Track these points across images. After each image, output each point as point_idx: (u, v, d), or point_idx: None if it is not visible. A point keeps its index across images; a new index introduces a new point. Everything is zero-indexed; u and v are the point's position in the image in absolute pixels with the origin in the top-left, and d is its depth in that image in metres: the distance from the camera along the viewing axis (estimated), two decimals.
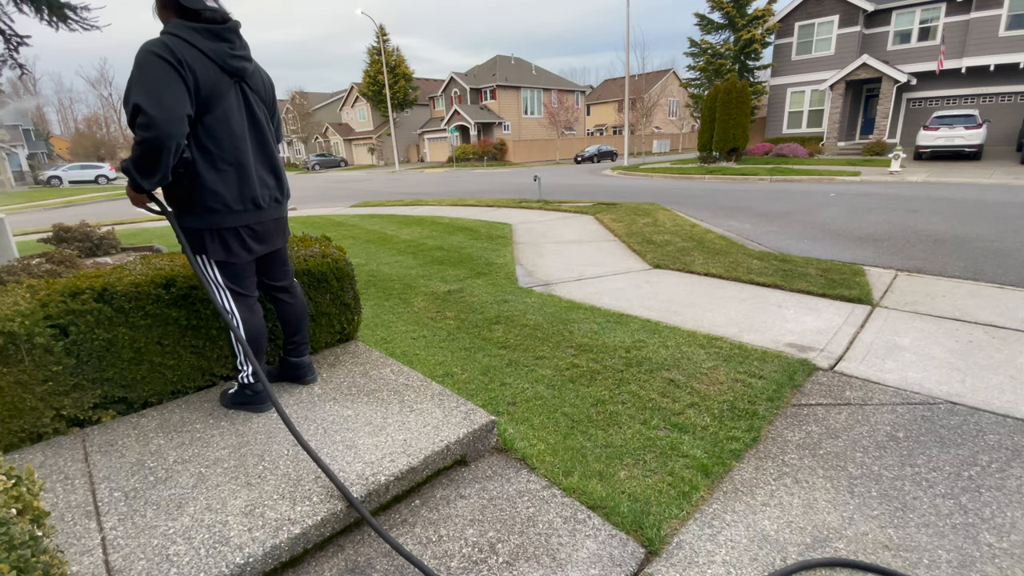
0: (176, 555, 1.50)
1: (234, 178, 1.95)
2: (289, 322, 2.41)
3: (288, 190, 2.24)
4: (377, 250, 6.64)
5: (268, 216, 2.11)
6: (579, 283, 4.89)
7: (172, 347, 2.34)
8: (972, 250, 5.64)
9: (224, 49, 1.89)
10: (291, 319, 2.41)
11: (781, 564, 1.61)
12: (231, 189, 1.95)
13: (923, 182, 12.78)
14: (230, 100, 1.93)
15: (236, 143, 1.95)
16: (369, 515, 1.68)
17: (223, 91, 1.89)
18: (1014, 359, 2.96)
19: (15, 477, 1.07)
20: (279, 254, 2.32)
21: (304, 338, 2.47)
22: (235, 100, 1.95)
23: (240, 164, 1.96)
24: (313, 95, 57.16)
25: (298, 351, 2.48)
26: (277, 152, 2.15)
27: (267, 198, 2.08)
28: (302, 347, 2.48)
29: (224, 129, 1.91)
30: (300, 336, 2.45)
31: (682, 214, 8.74)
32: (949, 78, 19.85)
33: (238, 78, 1.95)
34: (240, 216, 2.00)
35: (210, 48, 1.84)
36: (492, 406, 2.57)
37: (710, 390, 2.70)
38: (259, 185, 2.04)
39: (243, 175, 1.97)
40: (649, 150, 42.45)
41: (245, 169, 1.97)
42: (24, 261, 2.75)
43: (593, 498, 1.90)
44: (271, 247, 2.20)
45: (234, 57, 1.92)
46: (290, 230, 2.38)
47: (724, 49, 25.65)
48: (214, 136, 1.89)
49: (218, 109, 1.89)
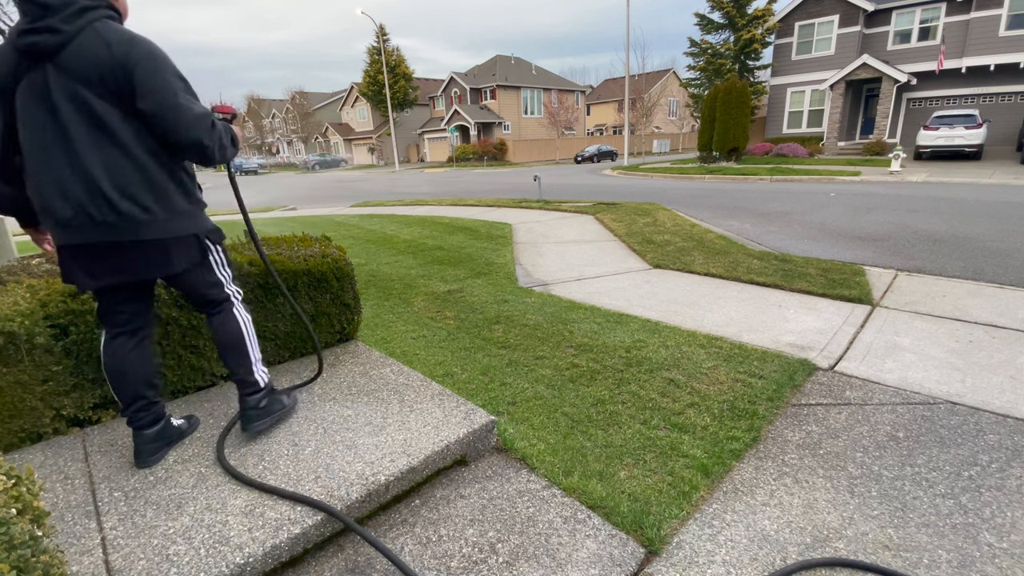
0: (176, 555, 1.50)
1: (33, 185, 1.58)
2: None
3: (143, 205, 1.61)
4: (377, 250, 6.64)
5: (85, 238, 1.59)
6: (579, 283, 4.89)
7: (172, 347, 2.34)
8: (972, 250, 5.64)
9: (20, 24, 1.48)
10: (217, 349, 2.06)
11: (781, 564, 1.61)
12: (34, 199, 1.60)
13: (923, 182, 12.78)
14: (24, 89, 1.52)
15: (28, 142, 1.55)
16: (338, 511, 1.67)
17: (20, 77, 1.51)
18: (1014, 359, 2.96)
19: (15, 477, 1.07)
20: (182, 285, 1.86)
21: (237, 375, 2.00)
22: (30, 88, 1.52)
23: (32, 168, 1.57)
24: (313, 95, 57.22)
25: (240, 388, 2.03)
26: (119, 151, 1.57)
27: (69, 214, 1.56)
28: (240, 385, 2.02)
29: (23, 125, 1.54)
30: (231, 372, 2.01)
31: (682, 214, 8.73)
32: (949, 78, 19.85)
33: (32, 59, 1.49)
34: (55, 235, 1.64)
35: (13, 27, 1.50)
36: (492, 406, 2.57)
37: (710, 390, 2.70)
38: (56, 196, 1.55)
39: (32, 183, 1.58)
40: (649, 150, 42.45)
41: (32, 175, 1.57)
42: (24, 261, 2.75)
43: (593, 498, 1.90)
44: (120, 278, 1.72)
45: (24, 32, 1.47)
46: (187, 257, 1.78)
47: (724, 49, 25.66)
48: (22, 135, 1.56)
49: (18, 101, 1.53)
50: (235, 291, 2.02)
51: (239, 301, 2.02)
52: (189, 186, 1.77)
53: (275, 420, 2.12)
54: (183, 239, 1.75)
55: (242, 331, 1.97)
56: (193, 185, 1.81)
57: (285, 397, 2.23)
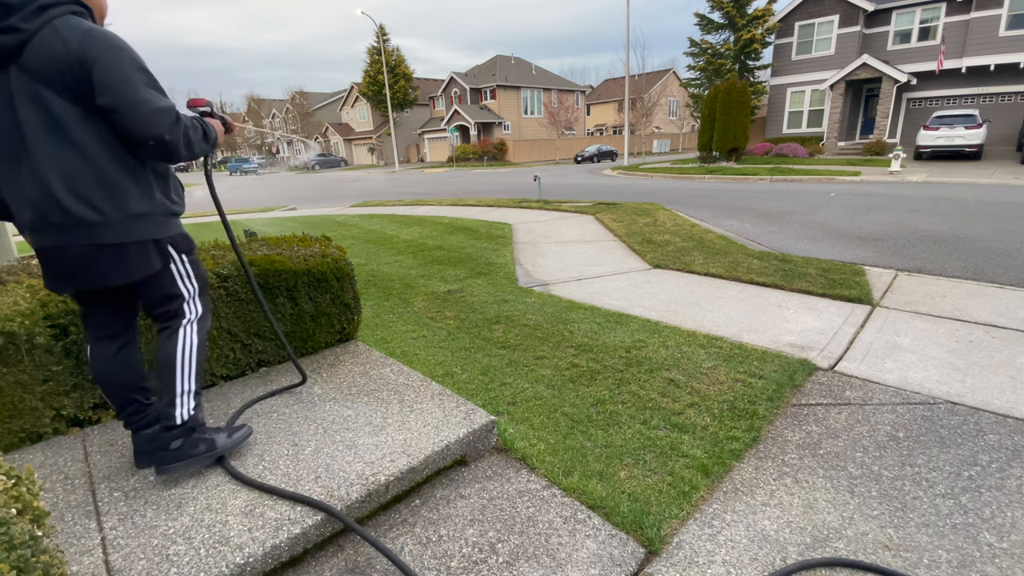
0: (176, 555, 1.50)
1: (4, 190, 1.56)
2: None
3: (96, 207, 1.53)
4: (377, 250, 6.64)
5: (47, 241, 1.55)
6: (579, 283, 4.89)
7: None
8: (972, 250, 5.64)
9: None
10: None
11: (781, 564, 1.61)
12: (8, 204, 1.58)
13: (923, 182, 12.78)
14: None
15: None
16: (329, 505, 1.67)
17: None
18: (1014, 359, 2.96)
19: (15, 477, 1.07)
20: (141, 294, 1.75)
21: (161, 401, 1.78)
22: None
23: (1, 174, 1.53)
24: (313, 95, 57.24)
25: (160, 418, 1.80)
26: (76, 151, 1.50)
27: (29, 218, 1.52)
28: (161, 414, 1.79)
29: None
30: (157, 396, 1.81)
31: (682, 214, 8.73)
32: (949, 78, 19.85)
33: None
34: (26, 239, 1.61)
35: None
36: (492, 406, 2.57)
37: (710, 390, 2.70)
38: (18, 201, 1.52)
39: (3, 188, 1.56)
40: (649, 150, 42.44)
41: (2, 180, 1.54)
42: (24, 261, 2.75)
43: (593, 498, 1.90)
44: (84, 285, 1.64)
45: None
46: (134, 268, 1.64)
47: (724, 49, 25.66)
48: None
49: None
50: (196, 308, 1.82)
51: (195, 320, 1.82)
52: (154, 188, 1.64)
53: (193, 464, 1.82)
54: (142, 245, 1.63)
55: (176, 356, 1.76)
56: (164, 187, 1.69)
57: (221, 436, 1.91)
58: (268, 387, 2.50)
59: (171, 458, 1.78)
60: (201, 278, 1.86)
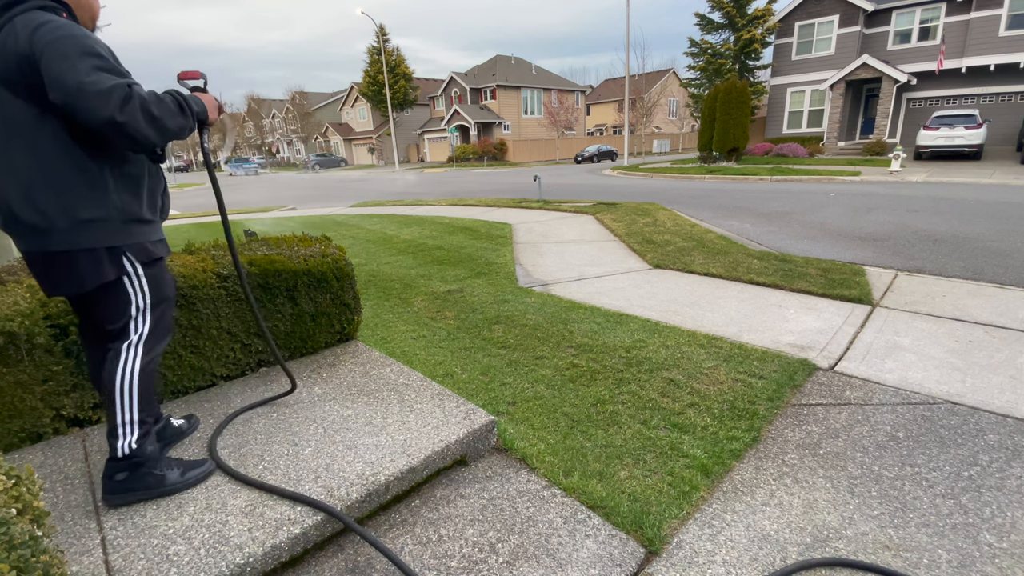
0: (176, 555, 1.50)
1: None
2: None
3: (44, 212, 1.45)
4: (377, 250, 6.64)
5: (20, 246, 1.53)
6: (579, 283, 4.89)
7: (171, 347, 2.34)
8: (972, 250, 5.64)
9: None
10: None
11: (781, 564, 1.61)
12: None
13: (923, 182, 12.78)
14: None
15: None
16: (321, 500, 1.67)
17: None
18: (1014, 359, 2.96)
19: (15, 477, 1.07)
20: (92, 304, 1.64)
21: (109, 423, 1.65)
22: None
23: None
24: (313, 95, 57.19)
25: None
26: (29, 153, 1.42)
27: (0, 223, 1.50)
28: (108, 433, 1.67)
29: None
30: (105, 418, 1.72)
31: (682, 214, 8.73)
32: (949, 78, 19.85)
33: None
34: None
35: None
36: (492, 406, 2.57)
37: (710, 390, 2.70)
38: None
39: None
40: (649, 150, 42.44)
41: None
42: (24, 261, 2.75)
43: (593, 498, 1.90)
44: (49, 291, 1.63)
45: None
46: (87, 280, 1.55)
47: (724, 49, 25.66)
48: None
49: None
50: (142, 326, 1.67)
51: (138, 342, 1.66)
52: (111, 192, 1.51)
53: (143, 498, 1.70)
54: (92, 253, 1.51)
55: (116, 382, 1.61)
56: (132, 189, 1.57)
57: (173, 473, 1.75)
58: (268, 387, 2.51)
59: (118, 488, 1.67)
60: (158, 292, 1.70)
